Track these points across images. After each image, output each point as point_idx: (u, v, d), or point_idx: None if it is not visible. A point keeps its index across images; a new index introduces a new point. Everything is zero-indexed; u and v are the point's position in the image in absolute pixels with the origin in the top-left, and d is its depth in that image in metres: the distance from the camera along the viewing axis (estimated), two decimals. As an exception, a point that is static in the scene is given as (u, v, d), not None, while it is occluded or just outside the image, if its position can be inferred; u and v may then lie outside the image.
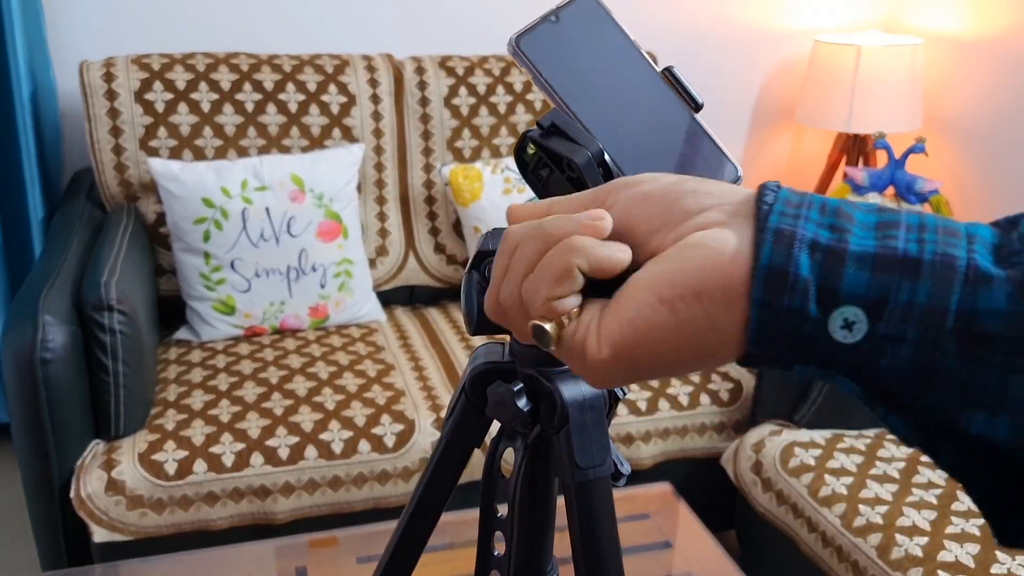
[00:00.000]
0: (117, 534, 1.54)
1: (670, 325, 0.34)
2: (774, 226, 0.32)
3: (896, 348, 0.31)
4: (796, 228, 0.32)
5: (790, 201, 0.33)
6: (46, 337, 1.49)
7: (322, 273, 1.98)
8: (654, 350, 0.35)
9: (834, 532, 1.51)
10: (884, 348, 0.31)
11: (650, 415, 1.82)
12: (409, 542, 0.65)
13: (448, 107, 2.21)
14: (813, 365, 0.33)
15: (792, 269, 0.32)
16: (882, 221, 0.33)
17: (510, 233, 0.40)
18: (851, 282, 0.31)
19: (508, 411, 0.55)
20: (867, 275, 0.31)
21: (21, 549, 1.98)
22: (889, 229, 0.32)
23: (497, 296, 0.40)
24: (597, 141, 0.50)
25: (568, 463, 0.55)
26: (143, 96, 2.00)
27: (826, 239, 0.32)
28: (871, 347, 0.31)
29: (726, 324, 0.33)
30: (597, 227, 0.37)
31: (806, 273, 0.32)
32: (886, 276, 0.31)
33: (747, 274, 0.33)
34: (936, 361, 0.31)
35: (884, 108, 2.49)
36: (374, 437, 1.65)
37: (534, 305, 0.38)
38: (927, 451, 0.33)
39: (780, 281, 0.32)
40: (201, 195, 1.90)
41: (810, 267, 0.32)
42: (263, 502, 1.59)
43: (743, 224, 0.34)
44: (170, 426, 1.61)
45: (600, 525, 0.57)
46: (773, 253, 0.32)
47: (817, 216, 0.33)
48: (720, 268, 0.33)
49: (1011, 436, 0.31)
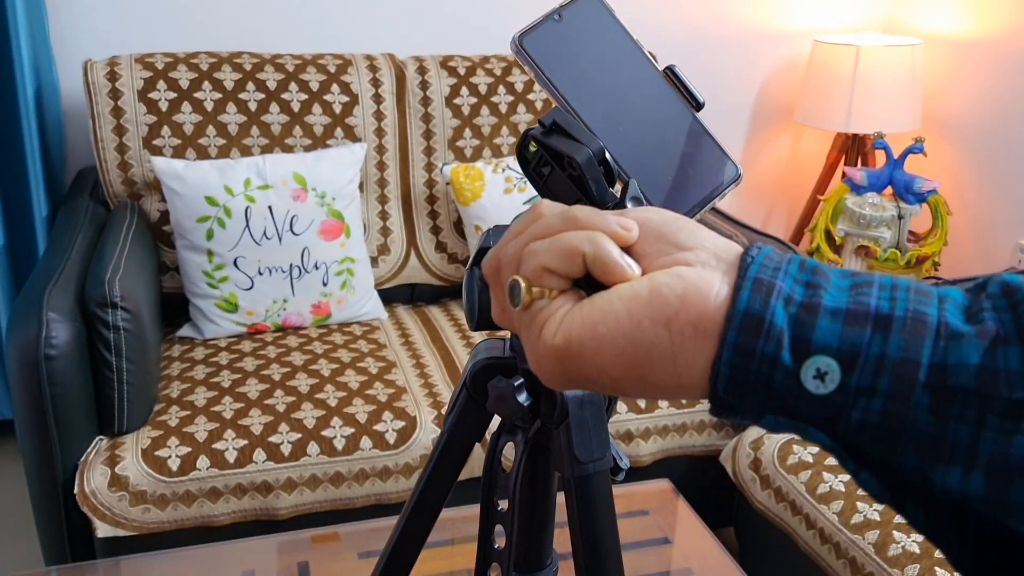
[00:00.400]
0: (120, 529, 1.55)
1: (628, 340, 0.35)
2: (754, 275, 0.33)
3: (868, 401, 0.32)
4: (775, 280, 0.33)
5: (772, 257, 0.34)
6: (50, 334, 1.50)
7: (324, 271, 1.99)
8: (603, 358, 0.35)
9: (832, 529, 1.52)
10: (856, 400, 0.32)
11: (649, 412, 1.83)
12: (411, 536, 0.65)
13: (450, 107, 2.22)
14: (785, 416, 0.33)
15: (768, 317, 0.32)
16: (856, 283, 0.34)
17: (540, 204, 0.41)
18: (824, 333, 0.32)
19: (509, 406, 0.56)
20: (839, 327, 0.32)
21: (25, 544, 2.00)
22: (862, 288, 0.33)
23: (499, 251, 0.41)
24: (598, 139, 0.51)
25: (568, 457, 0.55)
26: (147, 95, 2.01)
27: (801, 295, 0.33)
28: (843, 399, 0.32)
29: (688, 358, 0.34)
30: (622, 235, 0.38)
31: (780, 322, 0.32)
32: (858, 329, 0.32)
33: (723, 316, 0.33)
34: (908, 415, 0.31)
35: (883, 108, 2.50)
36: (376, 434, 1.66)
37: (527, 264, 0.38)
38: (898, 509, 0.34)
39: (755, 327, 0.32)
40: (204, 193, 1.91)
41: (785, 317, 0.32)
42: (265, 498, 1.61)
43: (727, 271, 0.35)
44: (173, 422, 1.63)
45: (600, 519, 0.58)
46: (751, 300, 0.33)
47: (795, 272, 0.34)
48: (697, 304, 0.34)
49: (985, 494, 0.31)
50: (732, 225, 2.12)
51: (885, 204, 2.43)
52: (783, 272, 0.34)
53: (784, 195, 2.99)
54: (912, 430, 0.31)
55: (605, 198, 0.51)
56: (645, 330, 0.34)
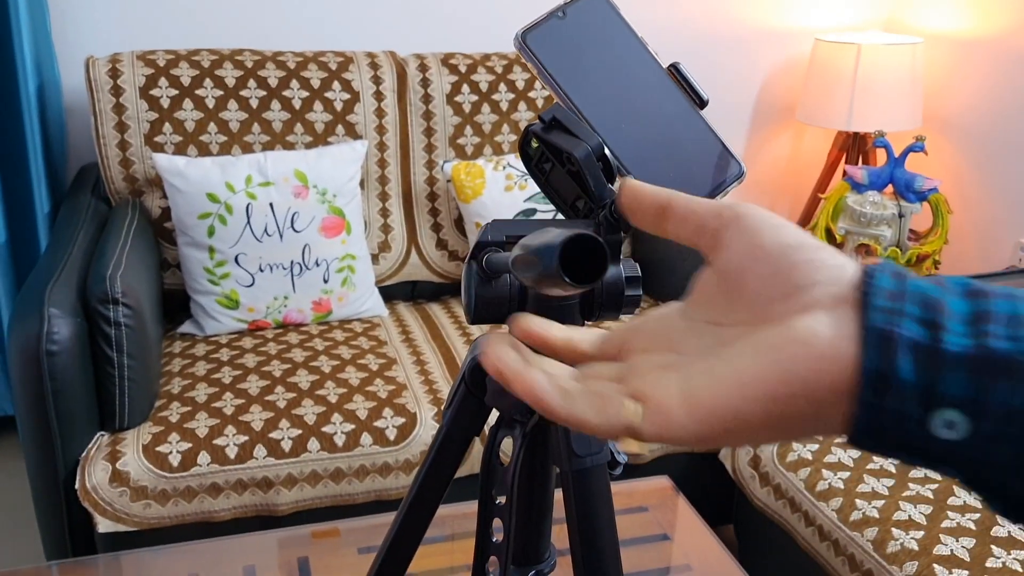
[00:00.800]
0: (121, 525, 1.55)
1: (779, 419, 0.35)
2: (875, 326, 0.34)
3: (997, 446, 0.32)
4: (894, 328, 0.33)
5: (887, 292, 0.34)
6: (52, 329, 1.50)
7: (325, 268, 1.99)
8: (754, 436, 0.36)
9: (831, 526, 1.52)
10: (986, 445, 0.32)
11: (649, 410, 1.83)
12: (409, 530, 0.66)
13: (451, 104, 2.23)
14: (920, 457, 0.34)
15: (894, 373, 0.33)
16: (975, 313, 0.34)
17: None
18: (949, 385, 0.32)
19: (507, 400, 0.57)
20: (964, 377, 0.32)
21: (26, 539, 2.00)
22: (982, 324, 0.33)
23: None
24: (597, 135, 0.51)
25: (565, 451, 0.56)
26: (148, 92, 2.02)
27: (924, 339, 0.33)
28: (972, 444, 0.32)
29: (832, 417, 0.35)
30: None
31: (907, 376, 0.33)
32: (984, 379, 0.32)
33: (852, 375, 0.34)
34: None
35: (884, 107, 2.50)
36: (376, 430, 1.67)
37: None
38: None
39: (883, 385, 0.33)
40: (206, 190, 1.91)
41: (911, 370, 0.33)
42: (266, 494, 1.61)
43: (846, 313, 0.35)
44: (174, 418, 1.63)
45: (597, 513, 0.58)
46: (877, 357, 0.33)
47: (915, 312, 0.34)
48: (828, 371, 0.34)
49: None
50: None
51: (886, 202, 2.43)
52: (901, 315, 0.34)
53: (785, 193, 2.99)
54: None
55: (604, 194, 0.51)
56: (792, 407, 0.35)
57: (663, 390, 0.36)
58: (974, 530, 1.43)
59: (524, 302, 0.56)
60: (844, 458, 1.63)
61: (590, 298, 0.55)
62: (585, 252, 0.40)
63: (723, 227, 0.38)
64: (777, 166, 2.95)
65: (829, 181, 2.73)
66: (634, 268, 0.55)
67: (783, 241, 0.37)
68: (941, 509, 1.48)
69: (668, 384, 0.36)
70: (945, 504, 1.49)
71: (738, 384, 0.35)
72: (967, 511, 1.47)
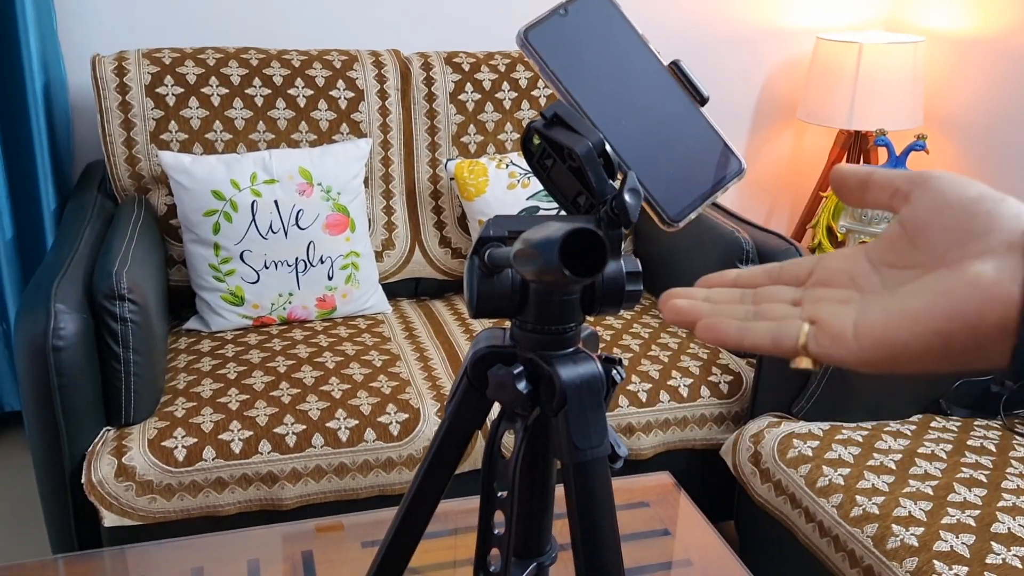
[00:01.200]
0: (127, 519, 1.57)
1: (941, 351, 0.38)
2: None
3: None
4: None
5: None
6: (58, 325, 1.51)
7: (329, 265, 2.01)
8: (919, 364, 0.39)
9: (831, 522, 1.53)
10: None
11: (651, 406, 1.85)
12: (412, 522, 0.67)
13: (454, 102, 2.24)
14: None
15: None
16: None
17: None
18: None
19: (508, 393, 0.57)
20: None
21: (32, 533, 2.02)
22: None
23: None
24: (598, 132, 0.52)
25: (566, 444, 0.56)
26: (154, 90, 2.03)
27: None
28: None
29: (996, 351, 0.38)
30: None
31: None
32: None
33: (1016, 314, 0.37)
34: None
35: (885, 105, 2.51)
36: (380, 425, 1.68)
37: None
38: None
39: None
40: (211, 187, 1.92)
41: None
42: (270, 488, 1.62)
43: (1015, 259, 0.38)
44: (180, 413, 1.64)
45: (598, 505, 0.59)
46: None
47: None
48: (993, 309, 0.37)
49: None
50: (735, 221, 2.13)
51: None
52: None
53: (786, 192, 3.00)
54: None
55: (605, 190, 0.52)
56: (955, 340, 0.38)
57: (838, 318, 0.41)
58: (974, 526, 1.43)
59: (526, 297, 0.56)
60: (844, 455, 1.64)
61: (591, 293, 0.56)
62: (585, 246, 0.41)
63: (914, 187, 0.42)
64: (779, 165, 2.95)
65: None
66: (635, 263, 0.56)
67: (965, 195, 0.40)
68: (941, 506, 1.49)
69: (843, 314, 0.41)
70: (945, 500, 1.50)
71: (909, 319, 0.38)
72: (967, 508, 1.48)
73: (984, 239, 0.38)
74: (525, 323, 0.57)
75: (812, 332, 0.41)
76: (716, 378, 1.90)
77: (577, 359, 0.57)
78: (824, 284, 0.44)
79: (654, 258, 2.27)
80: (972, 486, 1.55)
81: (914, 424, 1.77)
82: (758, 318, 0.44)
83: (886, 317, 0.39)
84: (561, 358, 0.56)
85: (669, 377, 1.88)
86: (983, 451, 1.66)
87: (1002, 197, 0.40)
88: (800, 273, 0.46)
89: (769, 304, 0.44)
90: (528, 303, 0.56)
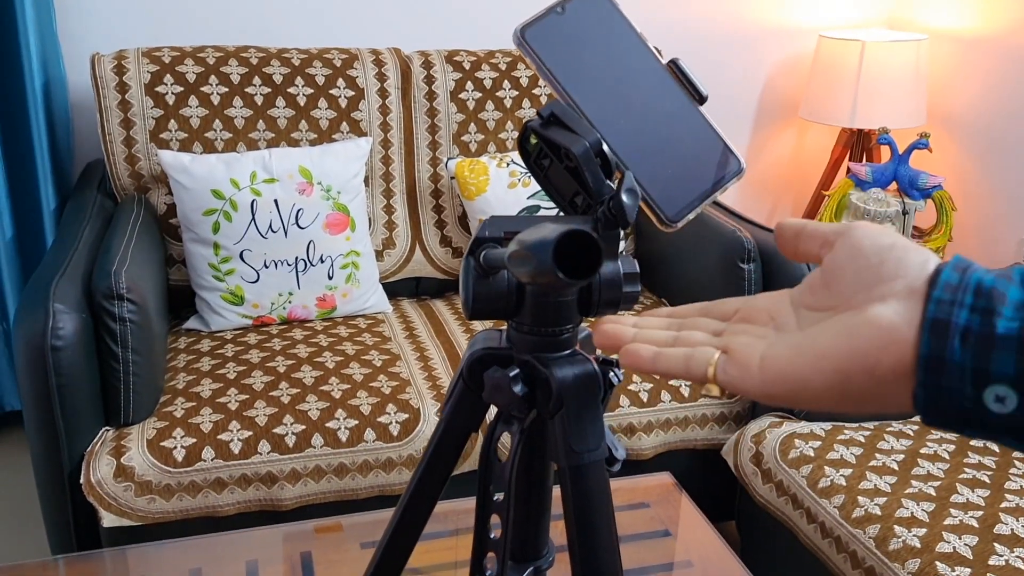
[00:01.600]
0: (126, 519, 1.56)
1: (841, 390, 0.40)
2: (932, 317, 0.38)
3: None
4: (950, 318, 0.38)
5: (949, 285, 0.38)
6: (57, 325, 1.51)
7: (330, 264, 2.00)
8: (820, 401, 0.41)
9: (833, 523, 1.52)
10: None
11: (652, 406, 1.84)
12: (409, 523, 0.66)
13: (455, 101, 2.23)
14: (980, 430, 0.38)
15: (948, 356, 0.37)
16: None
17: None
18: (998, 363, 0.36)
19: (505, 396, 0.56)
20: (1012, 356, 0.36)
21: (31, 533, 2.01)
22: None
23: None
24: (596, 131, 0.51)
25: (563, 447, 0.56)
26: (154, 89, 2.02)
27: (977, 325, 0.37)
28: (1023, 414, 0.36)
29: (895, 394, 0.39)
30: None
31: (959, 359, 0.37)
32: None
33: (912, 358, 0.38)
34: None
35: (888, 104, 2.50)
36: (379, 426, 1.68)
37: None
38: None
39: (939, 367, 0.37)
40: (211, 187, 1.92)
41: (961, 353, 0.37)
42: (270, 489, 1.62)
43: (915, 304, 0.39)
44: (179, 413, 1.64)
45: (595, 508, 0.58)
46: (932, 344, 0.37)
47: (971, 301, 0.38)
48: (893, 353, 0.39)
49: None
50: (736, 220, 2.12)
51: (889, 200, 2.43)
52: (959, 305, 0.38)
53: (788, 190, 2.99)
54: None
55: (602, 190, 0.52)
56: (854, 380, 0.39)
57: (748, 349, 0.43)
58: (977, 528, 1.43)
59: (522, 298, 0.56)
60: (846, 455, 1.63)
61: (588, 294, 0.55)
62: (580, 248, 0.41)
63: (838, 237, 0.44)
64: (781, 163, 2.95)
65: (833, 178, 2.73)
66: (632, 264, 0.55)
67: (880, 243, 0.42)
68: (944, 507, 1.48)
69: (754, 346, 0.43)
70: (948, 502, 1.49)
71: (812, 355, 0.40)
72: (970, 509, 1.47)
73: (890, 284, 0.40)
74: (521, 325, 0.56)
75: (722, 360, 0.43)
76: (717, 378, 1.89)
77: (574, 361, 0.56)
78: (746, 320, 0.46)
79: (655, 257, 2.26)
80: (975, 487, 1.54)
81: (916, 424, 1.76)
82: (677, 345, 0.46)
83: (791, 353, 0.41)
84: (558, 360, 0.56)
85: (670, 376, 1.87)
86: (986, 451, 1.66)
87: (915, 247, 0.42)
88: (728, 310, 0.48)
89: (689, 332, 0.47)
90: (524, 305, 0.56)
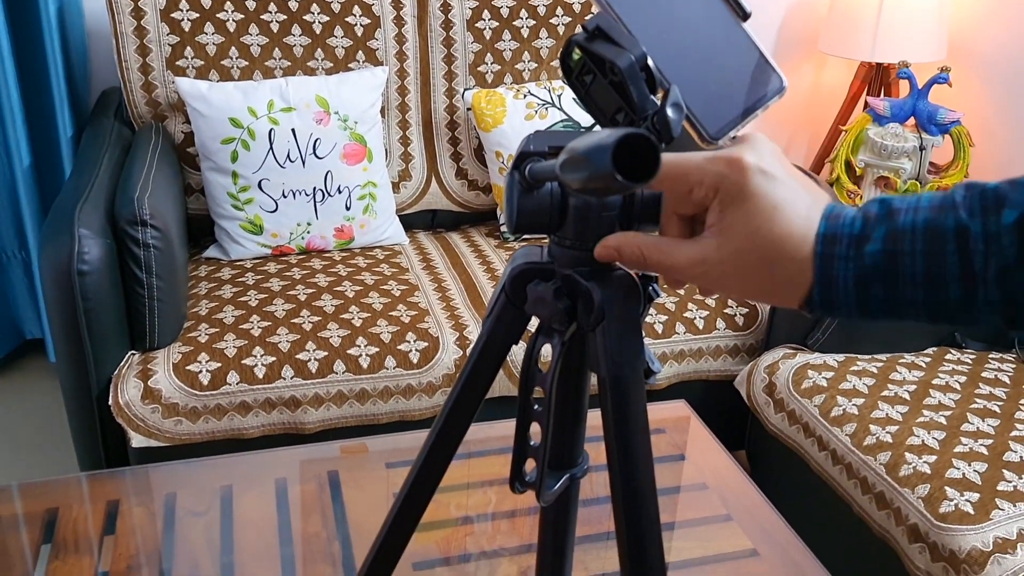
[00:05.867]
0: (154, 440, 1.60)
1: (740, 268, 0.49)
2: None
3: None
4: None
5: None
6: (82, 249, 1.53)
7: (347, 195, 2.01)
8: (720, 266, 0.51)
9: (844, 450, 1.56)
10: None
11: (666, 338, 1.86)
12: (448, 435, 0.68)
13: (471, 30, 2.21)
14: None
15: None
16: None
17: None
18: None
19: (547, 308, 0.58)
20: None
21: (57, 457, 2.06)
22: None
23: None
24: (640, 45, 0.52)
25: (604, 358, 0.58)
26: (169, 14, 2.01)
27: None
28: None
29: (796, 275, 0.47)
30: None
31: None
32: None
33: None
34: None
35: (908, 37, 2.47)
36: (400, 353, 1.70)
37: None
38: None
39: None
40: (229, 115, 1.92)
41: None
42: (293, 413, 1.65)
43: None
44: (203, 339, 1.67)
45: (633, 417, 0.60)
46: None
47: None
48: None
49: None
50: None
51: (907, 135, 2.41)
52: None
53: (806, 125, 2.97)
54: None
55: (646, 105, 0.52)
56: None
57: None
58: (986, 455, 1.46)
59: (565, 212, 0.57)
60: (859, 385, 1.66)
61: (630, 208, 0.56)
62: (638, 150, 0.42)
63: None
64: (798, 97, 2.92)
65: (851, 113, 2.71)
66: None
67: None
68: (954, 435, 1.51)
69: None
70: (959, 430, 1.52)
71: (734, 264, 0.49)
72: (980, 437, 1.50)
73: None
74: (564, 239, 0.58)
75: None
76: (732, 310, 1.91)
77: (615, 275, 0.57)
78: None
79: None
80: (985, 416, 1.56)
81: (929, 356, 1.79)
82: None
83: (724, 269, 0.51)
84: (599, 274, 0.57)
85: (685, 309, 1.90)
86: (997, 383, 1.68)
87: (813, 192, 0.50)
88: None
89: None
90: (567, 219, 0.57)
